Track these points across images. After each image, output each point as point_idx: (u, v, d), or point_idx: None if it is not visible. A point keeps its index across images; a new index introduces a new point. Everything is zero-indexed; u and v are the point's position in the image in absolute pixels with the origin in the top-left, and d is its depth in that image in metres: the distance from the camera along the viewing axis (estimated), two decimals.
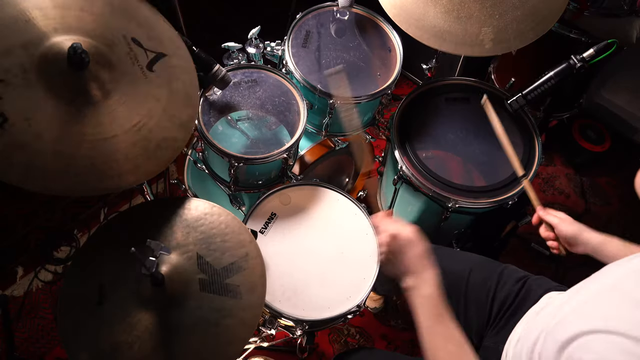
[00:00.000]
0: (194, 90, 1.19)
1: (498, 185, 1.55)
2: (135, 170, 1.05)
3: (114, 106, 1.06)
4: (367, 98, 1.58)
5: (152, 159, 1.07)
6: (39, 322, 1.93)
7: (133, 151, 1.05)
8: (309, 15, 1.70)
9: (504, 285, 1.28)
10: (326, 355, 1.95)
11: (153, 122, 1.08)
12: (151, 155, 1.06)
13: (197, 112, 1.17)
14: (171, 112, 1.12)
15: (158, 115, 1.10)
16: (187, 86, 1.18)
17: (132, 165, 1.04)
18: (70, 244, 2.09)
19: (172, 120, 1.12)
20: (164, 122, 1.10)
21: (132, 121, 1.06)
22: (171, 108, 1.12)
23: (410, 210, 1.75)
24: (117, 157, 1.03)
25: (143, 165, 1.06)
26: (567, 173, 2.57)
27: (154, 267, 1.02)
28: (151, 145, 1.07)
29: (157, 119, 1.09)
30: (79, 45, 1.00)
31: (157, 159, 1.07)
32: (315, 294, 1.38)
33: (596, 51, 1.37)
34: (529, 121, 1.65)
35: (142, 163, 1.05)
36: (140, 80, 1.11)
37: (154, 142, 1.08)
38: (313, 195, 1.56)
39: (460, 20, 1.43)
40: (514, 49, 1.43)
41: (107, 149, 1.02)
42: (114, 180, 1.02)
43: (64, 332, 1.07)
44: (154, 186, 2.18)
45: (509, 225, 1.79)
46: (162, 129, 1.09)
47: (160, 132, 1.09)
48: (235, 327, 1.10)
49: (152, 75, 1.13)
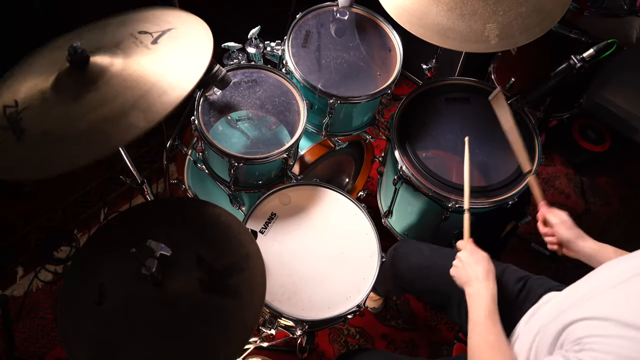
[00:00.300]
0: (206, 35, 1.18)
1: (498, 185, 1.55)
2: (137, 122, 1.03)
3: (115, 81, 1.06)
4: (367, 98, 1.58)
5: (156, 106, 1.04)
6: (39, 322, 1.93)
7: (136, 105, 1.04)
8: (309, 15, 1.70)
9: (505, 285, 1.28)
10: (326, 355, 1.95)
11: (156, 77, 1.08)
12: (155, 103, 1.04)
13: (211, 55, 1.16)
14: (180, 61, 1.12)
15: (163, 70, 1.09)
16: (198, 36, 1.18)
17: (132, 119, 1.03)
18: (70, 244, 2.10)
19: (180, 67, 1.11)
20: (170, 71, 1.10)
21: (134, 84, 1.07)
22: (180, 58, 1.13)
23: (410, 210, 1.75)
24: (117, 119, 1.02)
25: (146, 113, 1.04)
26: (567, 173, 2.57)
27: (154, 267, 1.02)
28: (154, 96, 1.05)
29: (162, 73, 1.09)
30: (79, 45, 1.01)
31: (162, 104, 1.05)
32: (315, 294, 1.38)
33: (596, 51, 1.37)
34: (529, 121, 1.66)
35: (145, 112, 1.04)
36: (144, 53, 1.12)
37: (157, 93, 1.06)
38: (313, 195, 1.56)
39: (464, 18, 1.43)
40: (520, 44, 1.42)
41: (107, 115, 1.03)
42: (113, 139, 1.01)
43: (64, 332, 1.07)
44: (154, 186, 2.18)
45: (509, 225, 1.79)
46: (168, 77, 1.09)
47: (165, 80, 1.08)
48: (235, 327, 1.10)
49: (156, 46, 1.14)
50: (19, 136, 1.01)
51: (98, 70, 1.06)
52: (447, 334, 2.05)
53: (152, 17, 1.21)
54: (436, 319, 2.08)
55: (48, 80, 1.09)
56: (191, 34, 1.19)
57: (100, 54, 1.09)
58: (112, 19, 1.23)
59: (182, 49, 1.15)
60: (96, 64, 1.06)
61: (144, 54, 1.12)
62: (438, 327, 2.06)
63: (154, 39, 1.15)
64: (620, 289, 0.82)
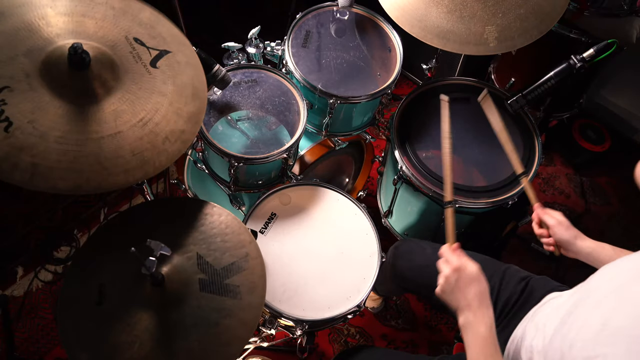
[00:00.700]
0: (201, 83, 1.19)
1: (498, 185, 1.55)
2: (143, 165, 1.04)
3: (117, 103, 1.06)
4: (367, 98, 1.58)
5: (160, 153, 1.06)
6: (39, 322, 1.93)
7: (139, 146, 1.04)
8: (309, 15, 1.70)
9: (507, 285, 1.28)
10: (326, 355, 1.95)
11: (159, 116, 1.09)
12: (159, 148, 1.06)
13: (205, 105, 1.16)
14: (178, 106, 1.12)
15: (164, 109, 1.10)
16: (193, 79, 1.18)
17: (139, 160, 1.04)
18: (70, 244, 2.09)
19: (180, 114, 1.12)
20: (171, 116, 1.10)
21: (137, 117, 1.07)
22: (178, 101, 1.13)
23: (410, 210, 1.75)
24: (122, 153, 1.03)
25: (151, 159, 1.05)
26: (567, 173, 2.57)
27: (154, 267, 1.02)
28: (158, 139, 1.07)
29: (164, 112, 1.09)
30: (79, 45, 1.00)
31: (167, 152, 1.07)
32: (315, 294, 1.38)
33: (596, 51, 1.37)
34: (529, 121, 1.66)
35: (150, 157, 1.05)
36: (144, 77, 1.11)
37: (161, 136, 1.07)
38: (313, 195, 1.56)
39: (464, 20, 1.43)
40: (519, 46, 1.42)
41: (112, 146, 1.03)
42: (120, 177, 1.02)
43: (64, 332, 1.07)
44: (154, 186, 2.18)
45: (509, 225, 1.79)
46: (170, 123, 1.09)
47: (168, 126, 1.09)
48: (235, 327, 1.10)
49: (156, 72, 1.13)
50: (6, 127, 0.95)
51: (100, 80, 1.05)
52: (447, 334, 2.05)
53: (147, 22, 1.19)
54: (436, 319, 2.08)
55: (29, 57, 1.02)
56: (187, 68, 1.19)
57: (99, 54, 1.07)
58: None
59: (181, 87, 1.15)
60: (98, 71, 1.05)
61: (145, 77, 1.11)
62: (438, 327, 2.06)
63: (152, 58, 1.14)
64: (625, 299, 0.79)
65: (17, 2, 1.06)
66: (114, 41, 1.12)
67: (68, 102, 1.02)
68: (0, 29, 1.02)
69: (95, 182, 0.99)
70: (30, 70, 1.01)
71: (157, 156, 1.06)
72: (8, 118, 0.96)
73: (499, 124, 1.34)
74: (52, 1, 1.09)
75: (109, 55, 1.09)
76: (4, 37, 1.02)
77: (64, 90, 1.02)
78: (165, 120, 1.09)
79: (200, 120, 1.15)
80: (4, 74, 0.99)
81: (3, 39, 1.02)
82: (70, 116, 1.01)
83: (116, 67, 1.09)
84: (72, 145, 0.99)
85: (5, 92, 0.97)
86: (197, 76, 1.19)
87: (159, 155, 1.06)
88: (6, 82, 0.98)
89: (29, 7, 1.06)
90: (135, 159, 1.04)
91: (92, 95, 1.04)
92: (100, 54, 1.07)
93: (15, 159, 0.95)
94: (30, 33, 1.04)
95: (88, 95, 1.04)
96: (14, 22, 1.04)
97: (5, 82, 0.98)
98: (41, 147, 0.97)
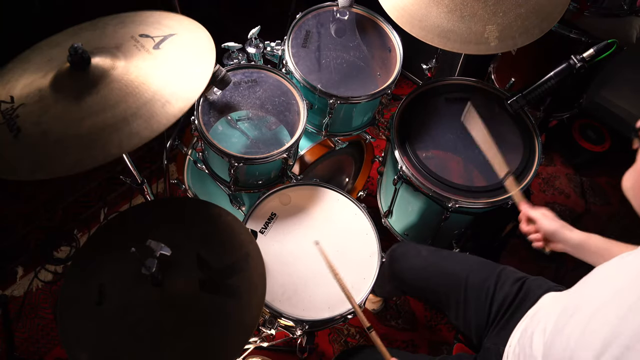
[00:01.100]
0: (209, 47, 1.18)
1: (498, 185, 1.55)
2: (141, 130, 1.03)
3: (117, 85, 1.07)
4: (367, 98, 1.58)
5: (159, 115, 1.05)
6: (39, 322, 1.93)
7: (137, 115, 1.04)
8: (309, 15, 1.70)
9: (503, 286, 1.28)
10: (326, 355, 1.95)
11: (159, 84, 1.08)
12: (158, 112, 1.05)
13: (213, 64, 1.16)
14: (183, 71, 1.12)
15: (166, 78, 1.10)
16: (200, 47, 1.18)
17: (135, 128, 1.03)
18: (70, 244, 2.10)
19: (183, 77, 1.11)
20: (173, 81, 1.10)
21: (135, 91, 1.07)
22: (183, 67, 1.13)
23: (410, 210, 1.75)
24: (119, 127, 1.02)
25: (148, 124, 1.04)
26: (567, 173, 2.57)
27: (154, 267, 1.02)
28: (157, 105, 1.06)
29: (164, 81, 1.09)
30: (79, 45, 1.01)
31: (167, 114, 1.06)
32: (315, 294, 1.38)
33: (596, 51, 1.37)
34: (529, 121, 1.66)
35: (147, 124, 1.04)
36: (146, 58, 1.12)
37: (160, 101, 1.06)
38: (313, 195, 1.56)
39: (464, 19, 1.43)
40: (520, 45, 1.42)
41: (108, 121, 1.03)
42: (115, 148, 1.01)
43: (64, 332, 1.07)
44: (154, 186, 2.18)
45: (509, 225, 1.79)
46: (171, 86, 1.09)
47: (167, 89, 1.08)
48: (235, 327, 1.10)
49: (158, 52, 1.14)
50: (15, 134, 1.01)
51: (99, 73, 1.07)
52: (447, 333, 2.05)
53: (154, 21, 1.21)
54: (436, 319, 2.08)
55: (46, 77, 1.09)
56: (193, 41, 1.19)
57: (101, 55, 1.09)
58: (112, 19, 1.24)
59: (185, 57, 1.15)
60: (97, 66, 1.07)
61: (146, 59, 1.12)
62: (438, 327, 2.06)
63: (156, 43, 1.15)
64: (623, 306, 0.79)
65: (45, 49, 1.20)
66: (119, 42, 1.15)
67: (68, 95, 1.05)
68: (26, 67, 1.15)
69: (91, 159, 1.00)
70: (42, 86, 1.08)
71: (155, 120, 1.04)
72: (19, 127, 1.03)
73: (483, 137, 1.35)
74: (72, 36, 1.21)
75: (113, 53, 1.11)
76: (28, 73, 1.13)
77: (66, 89, 1.06)
78: (166, 86, 1.08)
79: (206, 80, 1.13)
80: (21, 95, 1.08)
81: (27, 74, 1.13)
82: (70, 107, 1.04)
83: (118, 59, 1.10)
84: (70, 130, 1.02)
85: (20, 108, 1.06)
86: (204, 40, 1.19)
87: (158, 118, 1.04)
88: (23, 100, 1.07)
89: (55, 47, 1.20)
90: (131, 128, 1.02)
91: (92, 87, 1.06)
92: (104, 53, 1.08)
93: (21, 160, 1.00)
94: (49, 62, 1.14)
95: (89, 88, 1.06)
96: (39, 60, 1.16)
97: (22, 100, 1.07)
98: (42, 142, 1.00)
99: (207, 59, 1.16)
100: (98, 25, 1.23)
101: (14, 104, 1.06)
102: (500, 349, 1.15)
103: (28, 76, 1.12)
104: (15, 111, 1.04)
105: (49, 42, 1.22)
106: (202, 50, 1.17)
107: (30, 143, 1.01)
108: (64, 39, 1.21)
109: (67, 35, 1.22)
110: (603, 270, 0.90)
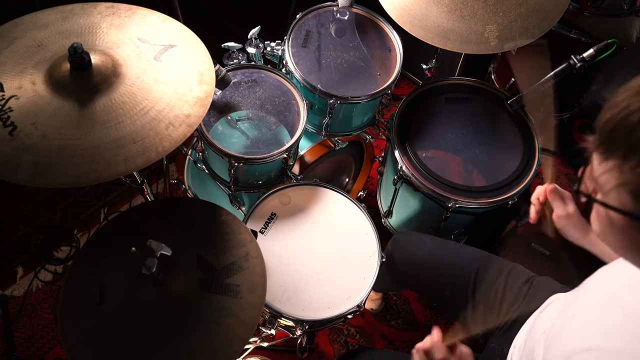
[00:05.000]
0: (208, 69, 1.18)
1: (498, 185, 1.55)
2: (145, 151, 1.03)
3: (118, 97, 1.07)
4: (367, 98, 1.58)
5: (163, 139, 1.05)
6: (39, 322, 1.93)
7: (141, 133, 1.04)
8: (309, 15, 1.70)
9: (513, 285, 1.27)
10: (326, 355, 1.95)
11: (163, 104, 1.09)
12: (162, 135, 1.06)
13: (213, 88, 1.16)
14: (183, 92, 1.12)
15: (168, 97, 1.10)
16: (199, 67, 1.18)
17: (140, 147, 1.03)
18: (70, 244, 2.10)
19: (185, 99, 1.11)
20: (175, 102, 1.10)
21: (138, 106, 1.07)
22: (183, 88, 1.12)
23: (410, 210, 1.75)
24: (123, 142, 1.03)
25: (153, 146, 1.04)
26: (567, 173, 2.57)
27: (154, 267, 1.02)
28: (161, 126, 1.06)
29: (168, 100, 1.09)
30: (79, 45, 1.01)
31: (170, 137, 1.06)
32: (315, 294, 1.38)
33: (596, 51, 1.37)
34: (529, 121, 1.66)
35: (152, 144, 1.04)
36: (147, 70, 1.12)
37: (164, 122, 1.07)
38: (313, 195, 1.56)
39: (464, 19, 1.44)
40: (520, 45, 1.43)
41: (112, 136, 1.03)
42: (121, 166, 1.01)
43: (64, 332, 1.07)
44: (154, 186, 2.18)
45: (509, 225, 1.79)
46: (174, 109, 1.09)
47: (172, 111, 1.08)
48: (235, 327, 1.10)
49: (159, 64, 1.14)
50: (10, 131, 0.99)
51: (101, 79, 1.07)
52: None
53: (151, 25, 1.21)
54: (436, 319, 2.08)
55: (38, 69, 1.07)
56: (193, 57, 1.19)
57: (101, 56, 1.09)
58: (105, 8, 1.22)
59: (186, 77, 1.15)
60: (100, 71, 1.06)
61: (147, 70, 1.12)
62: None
63: (156, 54, 1.15)
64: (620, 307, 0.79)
65: (30, 26, 1.16)
66: (117, 44, 1.14)
67: (69, 100, 1.04)
68: (12, 49, 1.12)
69: (96, 174, 0.99)
70: (37, 79, 1.07)
71: (159, 142, 1.05)
72: (13, 123, 1.01)
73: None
74: (63, 20, 1.17)
75: (112, 56, 1.10)
76: (16, 56, 1.11)
77: (65, 91, 1.05)
78: (168, 107, 1.09)
79: (208, 104, 1.13)
80: (12, 85, 1.06)
81: (14, 58, 1.11)
82: (70, 113, 1.03)
83: (118, 64, 1.10)
84: (71, 139, 1.01)
85: (12, 100, 1.03)
86: (203, 62, 1.19)
87: (162, 141, 1.05)
88: (14, 92, 1.05)
89: (43, 29, 1.16)
90: (136, 146, 1.03)
91: (92, 92, 1.06)
92: (103, 55, 1.08)
93: (18, 160, 0.98)
94: (39, 48, 1.12)
95: (88, 93, 1.05)
96: (26, 41, 1.13)
97: (13, 92, 1.05)
98: (42, 145, 0.99)
99: (207, 77, 1.17)
100: (90, 12, 1.20)
101: (5, 93, 1.03)
102: (504, 350, 1.14)
103: (16, 60, 1.09)
104: (6, 103, 1.02)
105: (34, 20, 1.17)
106: (202, 66, 1.18)
107: (29, 144, 0.99)
108: (51, 20, 1.17)
109: (55, 15, 1.18)
110: (604, 272, 0.90)
